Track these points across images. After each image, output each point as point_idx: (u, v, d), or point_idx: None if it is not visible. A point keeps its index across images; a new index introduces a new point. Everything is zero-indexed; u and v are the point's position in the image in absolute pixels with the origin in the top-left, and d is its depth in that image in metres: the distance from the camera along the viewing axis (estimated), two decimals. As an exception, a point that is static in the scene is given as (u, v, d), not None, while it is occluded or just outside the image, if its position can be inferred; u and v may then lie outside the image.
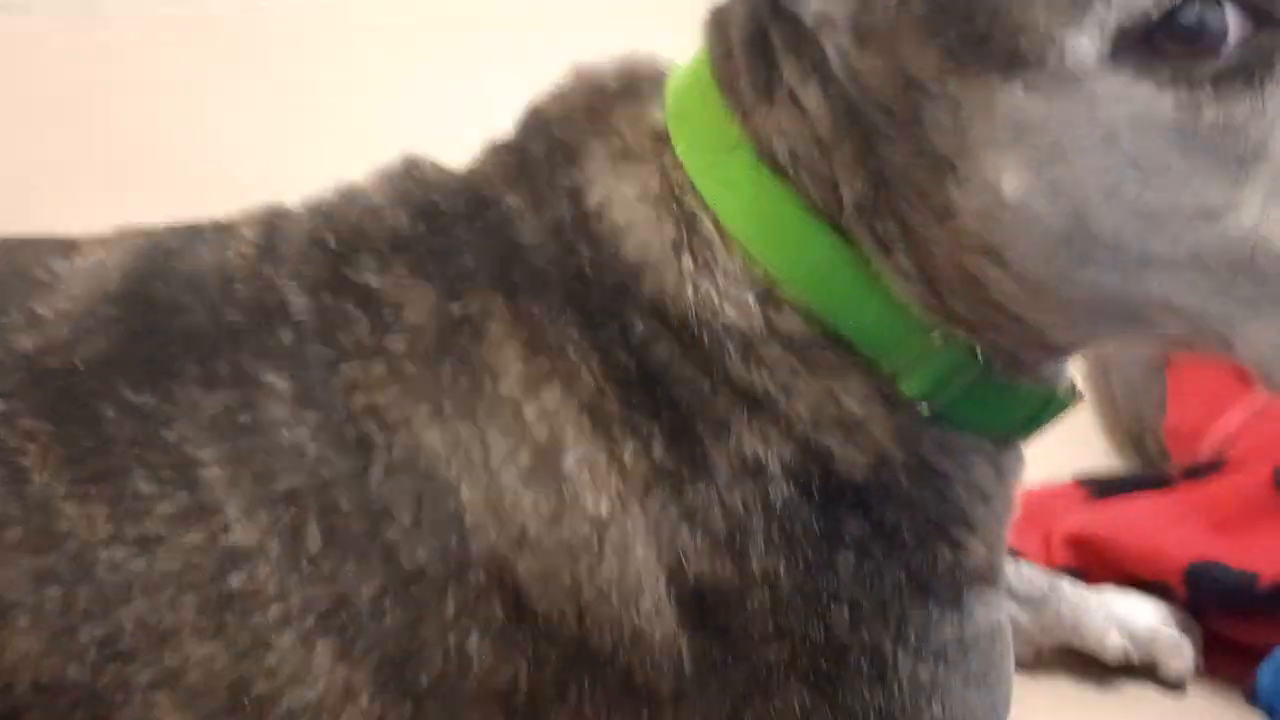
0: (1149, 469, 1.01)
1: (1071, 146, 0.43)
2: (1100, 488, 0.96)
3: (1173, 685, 0.83)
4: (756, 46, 0.51)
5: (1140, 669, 0.83)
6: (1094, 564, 0.88)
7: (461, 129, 0.63)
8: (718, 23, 0.54)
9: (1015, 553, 0.85)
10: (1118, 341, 0.52)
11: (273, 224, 0.59)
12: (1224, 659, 0.84)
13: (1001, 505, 0.56)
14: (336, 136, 1.36)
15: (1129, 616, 0.83)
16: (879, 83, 0.47)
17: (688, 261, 0.51)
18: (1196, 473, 0.92)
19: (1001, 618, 0.56)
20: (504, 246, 0.54)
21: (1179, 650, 0.83)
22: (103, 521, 0.51)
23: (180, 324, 0.54)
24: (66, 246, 0.60)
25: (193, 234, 0.59)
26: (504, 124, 0.59)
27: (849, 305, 0.50)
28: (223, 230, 0.59)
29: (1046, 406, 0.54)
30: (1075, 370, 0.57)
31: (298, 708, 0.50)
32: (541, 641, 0.50)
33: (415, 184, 0.58)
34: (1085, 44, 0.42)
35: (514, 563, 0.50)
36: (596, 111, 0.56)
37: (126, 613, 0.50)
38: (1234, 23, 0.41)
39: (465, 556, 0.50)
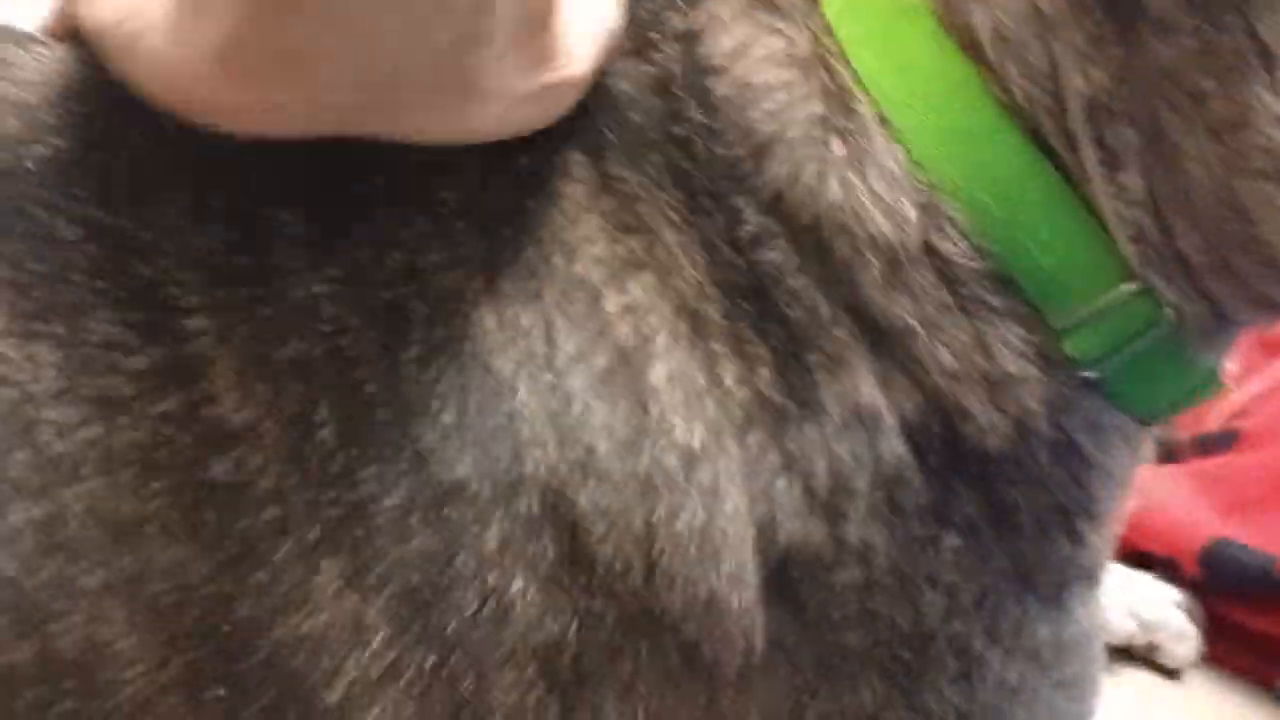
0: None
1: None
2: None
3: (1170, 673, 0.78)
4: None
5: (1141, 653, 0.78)
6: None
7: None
8: None
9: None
10: None
11: None
12: (1228, 647, 0.79)
13: (1126, 496, 0.47)
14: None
15: (1137, 598, 0.78)
16: None
17: (837, 147, 0.41)
18: (1206, 445, 0.87)
19: (1100, 622, 0.49)
20: (591, 94, 0.43)
21: (1184, 637, 0.77)
22: (50, 370, 0.39)
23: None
24: (23, 38, 0.46)
25: None
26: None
27: (1034, 238, 0.41)
28: None
29: (1206, 385, 0.45)
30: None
31: (291, 640, 0.39)
32: (598, 595, 0.40)
33: None
34: None
35: (575, 492, 0.40)
36: None
37: (73, 493, 0.38)
38: None
39: (517, 476, 0.40)
